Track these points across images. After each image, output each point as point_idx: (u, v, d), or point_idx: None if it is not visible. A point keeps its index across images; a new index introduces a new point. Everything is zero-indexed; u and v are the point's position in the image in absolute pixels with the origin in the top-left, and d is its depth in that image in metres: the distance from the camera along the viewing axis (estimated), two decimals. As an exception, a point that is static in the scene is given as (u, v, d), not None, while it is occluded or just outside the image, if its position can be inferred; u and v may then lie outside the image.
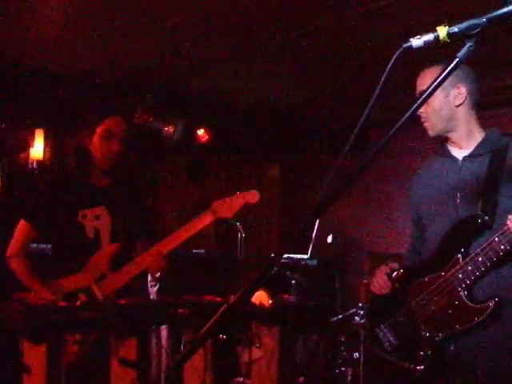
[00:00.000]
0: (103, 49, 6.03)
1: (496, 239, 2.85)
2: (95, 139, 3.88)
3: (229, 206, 3.74)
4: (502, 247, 2.84)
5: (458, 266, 2.99)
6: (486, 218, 2.98)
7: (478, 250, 2.92)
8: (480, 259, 2.91)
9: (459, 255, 3.00)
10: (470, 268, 2.95)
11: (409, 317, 3.19)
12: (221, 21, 5.38)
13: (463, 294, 2.98)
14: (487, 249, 2.88)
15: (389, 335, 3.26)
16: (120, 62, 6.37)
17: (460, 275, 2.98)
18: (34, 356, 3.19)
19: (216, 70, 6.57)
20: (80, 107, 6.67)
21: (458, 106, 3.13)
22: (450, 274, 3.02)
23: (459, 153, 3.20)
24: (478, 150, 3.15)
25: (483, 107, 3.28)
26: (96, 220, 3.88)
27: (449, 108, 3.13)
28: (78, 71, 6.58)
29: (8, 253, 3.90)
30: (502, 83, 6.70)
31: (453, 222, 3.08)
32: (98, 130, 3.87)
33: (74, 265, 3.79)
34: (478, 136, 3.18)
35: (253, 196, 3.80)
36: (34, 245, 4.24)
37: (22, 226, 3.91)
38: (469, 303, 2.96)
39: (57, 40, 5.78)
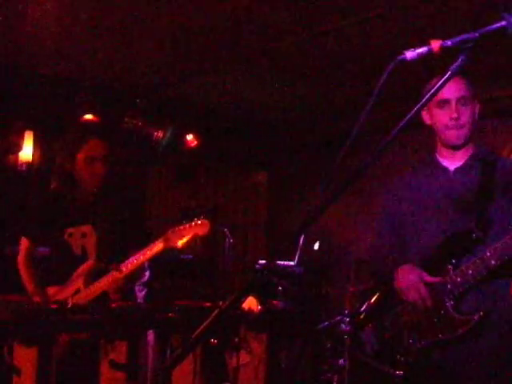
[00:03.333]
0: (95, 53, 6.03)
1: (488, 254, 2.89)
2: (79, 165, 4.02)
3: (179, 235, 3.73)
4: (493, 262, 2.89)
5: (447, 277, 3.02)
6: (480, 233, 3.00)
7: (470, 263, 2.95)
8: (470, 272, 2.94)
9: (450, 266, 3.03)
10: (459, 280, 2.98)
11: (393, 322, 3.20)
12: (212, 28, 5.41)
13: (450, 304, 3.00)
14: (478, 262, 2.92)
15: (372, 338, 3.28)
16: (111, 66, 6.38)
17: (449, 286, 3.01)
18: (25, 358, 3.20)
19: (206, 76, 6.59)
20: (69, 110, 6.68)
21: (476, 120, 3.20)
22: (439, 283, 3.04)
23: (450, 164, 3.23)
24: (469, 162, 3.20)
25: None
26: (82, 238, 4.04)
27: (475, 120, 3.19)
28: (68, 74, 6.58)
29: (18, 263, 4.20)
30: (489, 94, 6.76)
31: (445, 232, 3.10)
32: (80, 156, 4.01)
33: (62, 278, 3.97)
34: (470, 148, 3.23)
35: (203, 227, 3.75)
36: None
37: (23, 241, 4.21)
38: (454, 314, 2.99)
39: (48, 43, 5.78)
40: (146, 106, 7.18)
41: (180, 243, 3.73)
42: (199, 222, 3.74)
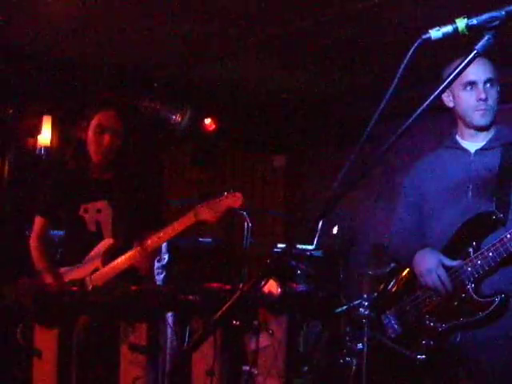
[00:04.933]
0: (112, 36, 6.02)
1: (508, 236, 2.87)
2: (89, 133, 3.95)
3: (212, 210, 3.62)
4: None
5: (467, 260, 3.00)
6: (501, 215, 2.99)
7: (490, 245, 2.93)
8: (490, 254, 2.92)
9: (471, 249, 3.01)
10: (479, 262, 2.96)
11: (414, 306, 3.20)
12: (231, 9, 5.38)
13: (470, 287, 2.99)
14: (498, 245, 2.90)
15: (393, 322, 3.27)
16: (129, 49, 6.37)
17: (469, 268, 2.99)
18: (46, 340, 3.23)
19: (225, 59, 6.57)
20: (88, 94, 6.68)
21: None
22: (458, 265, 3.03)
23: (471, 145, 3.21)
24: (490, 144, 3.17)
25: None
26: (97, 214, 3.96)
27: (498, 99, 3.17)
28: (87, 58, 6.58)
29: (30, 243, 4.11)
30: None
31: (464, 215, 3.08)
32: (92, 123, 3.94)
33: (77, 256, 3.91)
34: (491, 130, 3.20)
35: (236, 199, 3.63)
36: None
37: (37, 219, 4.13)
38: (475, 297, 2.98)
39: (66, 26, 5.78)
40: (165, 89, 7.17)
41: (213, 217, 3.62)
42: (231, 194, 3.65)
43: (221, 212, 3.63)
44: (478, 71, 3.04)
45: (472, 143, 3.20)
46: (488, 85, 3.09)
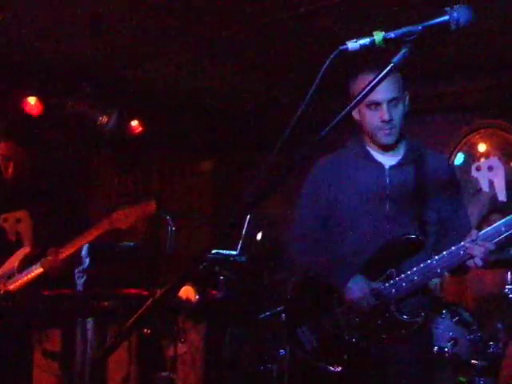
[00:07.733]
0: (38, 35, 5.89)
1: (434, 262, 2.94)
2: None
3: (125, 217, 3.71)
4: (439, 271, 2.95)
5: (391, 281, 3.03)
6: (421, 237, 3.04)
7: (415, 268, 2.98)
8: (416, 278, 2.98)
9: (393, 270, 3.05)
10: (404, 285, 3.00)
11: (333, 321, 3.18)
12: (160, 12, 5.35)
13: (394, 307, 3.03)
14: (425, 270, 2.96)
15: (310, 336, 3.24)
16: (55, 49, 6.25)
17: (393, 290, 3.02)
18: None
19: (153, 61, 6.52)
20: (12, 93, 6.54)
21: (406, 113, 3.15)
22: (382, 287, 3.05)
23: (384, 159, 3.20)
24: (404, 159, 3.19)
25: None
26: (17, 224, 3.99)
27: (405, 113, 3.15)
28: (11, 56, 6.43)
29: None
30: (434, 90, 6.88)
31: (380, 228, 3.11)
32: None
33: None
34: (400, 145, 3.21)
35: (149, 208, 3.75)
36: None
37: None
38: (398, 316, 3.02)
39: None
40: (91, 91, 7.06)
41: (125, 225, 3.69)
42: (144, 203, 3.74)
43: (133, 220, 3.72)
44: (381, 91, 2.95)
45: (385, 157, 3.20)
46: (392, 103, 3.05)
